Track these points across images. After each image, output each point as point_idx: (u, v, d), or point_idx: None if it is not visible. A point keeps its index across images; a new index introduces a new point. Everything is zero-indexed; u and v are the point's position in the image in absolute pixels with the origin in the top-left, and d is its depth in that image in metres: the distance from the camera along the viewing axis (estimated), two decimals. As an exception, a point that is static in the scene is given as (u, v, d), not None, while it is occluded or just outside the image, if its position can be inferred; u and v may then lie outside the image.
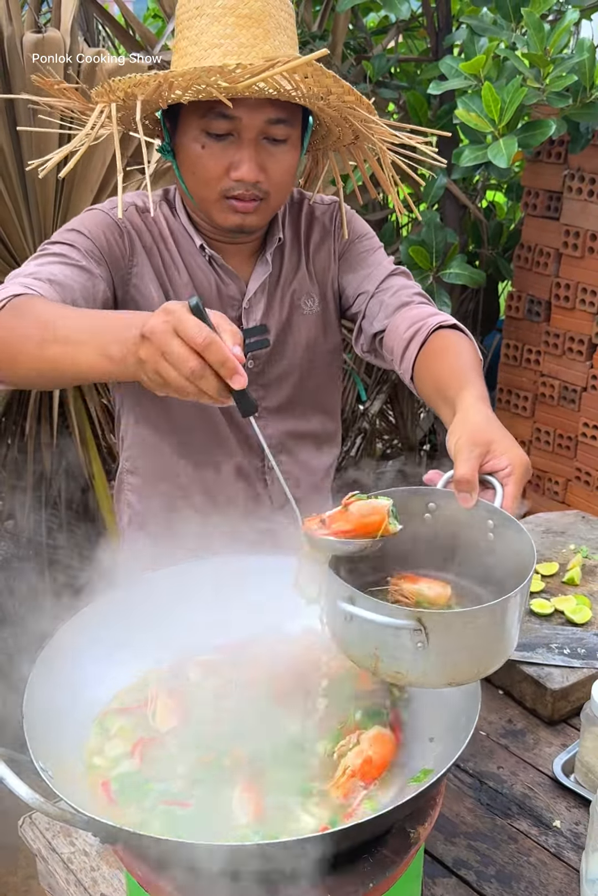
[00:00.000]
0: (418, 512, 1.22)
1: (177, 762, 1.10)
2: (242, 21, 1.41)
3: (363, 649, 1.07)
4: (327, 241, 1.74)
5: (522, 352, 3.68)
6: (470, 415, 1.27)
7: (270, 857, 0.88)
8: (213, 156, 1.47)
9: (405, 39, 4.05)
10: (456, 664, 1.04)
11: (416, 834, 1.03)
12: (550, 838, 1.43)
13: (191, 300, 1.04)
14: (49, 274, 1.42)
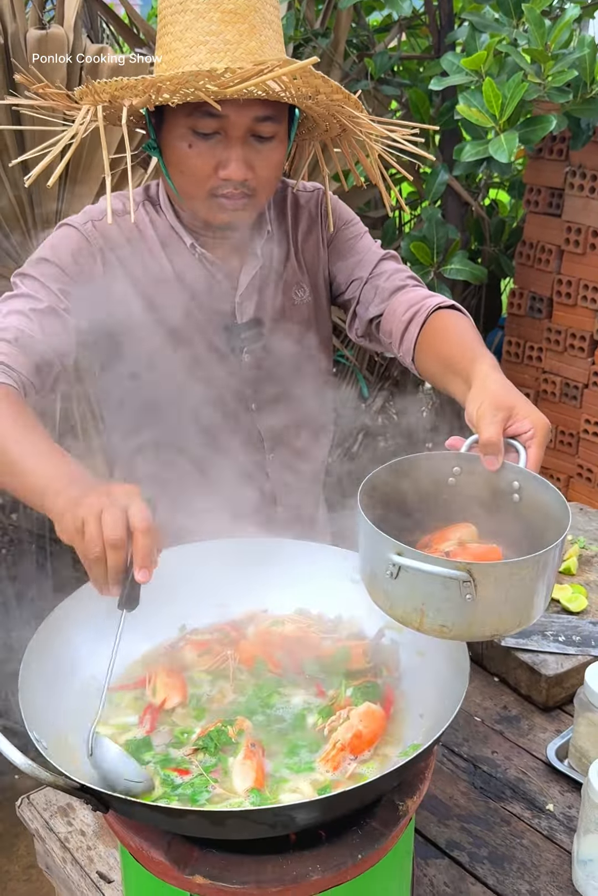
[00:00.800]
0: (443, 476, 1.25)
1: (180, 732, 1.12)
2: (228, 17, 1.39)
3: (410, 604, 1.08)
4: (314, 230, 1.73)
5: (524, 349, 3.69)
6: (489, 382, 1.29)
7: (258, 823, 0.90)
8: (200, 155, 1.46)
9: (408, 37, 4.07)
10: (501, 615, 1.06)
11: (404, 806, 1.04)
12: (543, 821, 1.44)
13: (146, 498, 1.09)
14: (16, 331, 1.41)
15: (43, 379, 1.43)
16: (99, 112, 1.41)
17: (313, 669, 1.24)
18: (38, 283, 1.49)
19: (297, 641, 1.28)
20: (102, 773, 1.01)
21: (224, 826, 0.92)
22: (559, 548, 1.06)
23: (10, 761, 0.92)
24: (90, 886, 1.35)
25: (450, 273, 3.13)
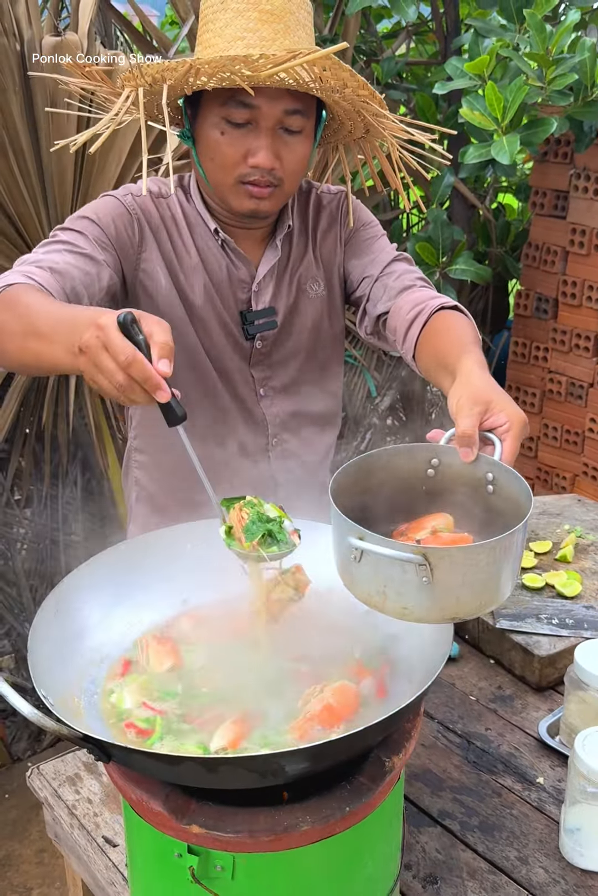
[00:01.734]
0: (422, 467, 1.29)
1: (174, 693, 1.18)
2: (265, 16, 1.48)
3: (372, 586, 1.13)
4: (333, 229, 1.81)
5: (530, 349, 3.74)
6: (470, 377, 1.34)
7: (249, 770, 0.95)
8: (232, 142, 1.54)
9: (417, 44, 4.13)
10: (458, 599, 1.09)
11: (390, 762, 1.09)
12: (533, 793, 1.49)
13: (119, 316, 1.11)
14: (51, 262, 1.49)
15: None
16: (140, 95, 1.50)
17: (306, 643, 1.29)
18: (77, 234, 1.57)
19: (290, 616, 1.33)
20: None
21: (217, 773, 0.98)
22: (518, 534, 1.09)
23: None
24: (96, 850, 1.41)
25: (455, 273, 3.18)
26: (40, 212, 2.86)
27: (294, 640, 1.28)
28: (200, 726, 1.13)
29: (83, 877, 1.46)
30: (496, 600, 1.13)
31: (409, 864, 1.37)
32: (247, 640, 1.30)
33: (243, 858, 1.06)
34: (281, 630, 1.30)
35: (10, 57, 2.70)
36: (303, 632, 1.29)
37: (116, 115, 1.53)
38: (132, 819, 1.14)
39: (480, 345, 1.55)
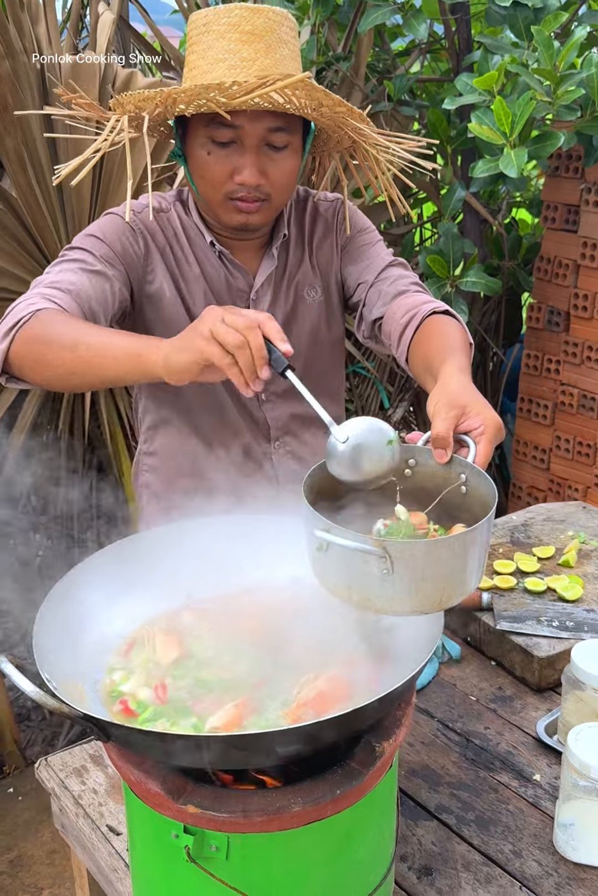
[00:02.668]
0: (400, 467, 1.32)
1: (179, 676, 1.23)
2: (245, 37, 1.54)
3: (338, 577, 1.17)
4: (329, 236, 1.86)
5: (542, 361, 3.76)
6: (449, 382, 1.38)
7: (239, 749, 0.99)
8: (218, 161, 1.60)
9: (431, 62, 4.19)
10: (420, 592, 1.13)
11: (381, 748, 1.12)
12: (529, 790, 1.52)
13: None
14: (67, 283, 1.56)
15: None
16: (124, 122, 1.56)
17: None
18: (85, 252, 1.64)
19: (290, 609, 1.37)
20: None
21: (209, 752, 1.02)
22: (479, 532, 1.12)
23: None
24: (100, 838, 1.45)
25: (466, 285, 3.22)
26: (59, 225, 2.93)
27: (291, 631, 1.31)
28: (198, 711, 1.17)
29: (87, 865, 1.50)
30: (459, 594, 1.15)
31: (405, 856, 1.40)
32: (248, 631, 1.34)
33: (237, 839, 1.09)
34: (279, 622, 1.34)
35: (30, 75, 2.78)
36: (300, 624, 1.33)
37: (107, 139, 1.58)
38: (132, 801, 1.18)
39: (467, 350, 1.59)
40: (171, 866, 1.14)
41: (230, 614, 1.38)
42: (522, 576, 1.97)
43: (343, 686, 1.20)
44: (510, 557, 2.03)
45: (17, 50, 2.71)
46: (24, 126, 2.73)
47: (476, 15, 3.70)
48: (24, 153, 2.74)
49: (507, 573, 1.96)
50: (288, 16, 1.60)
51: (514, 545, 2.12)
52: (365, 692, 1.18)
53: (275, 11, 1.57)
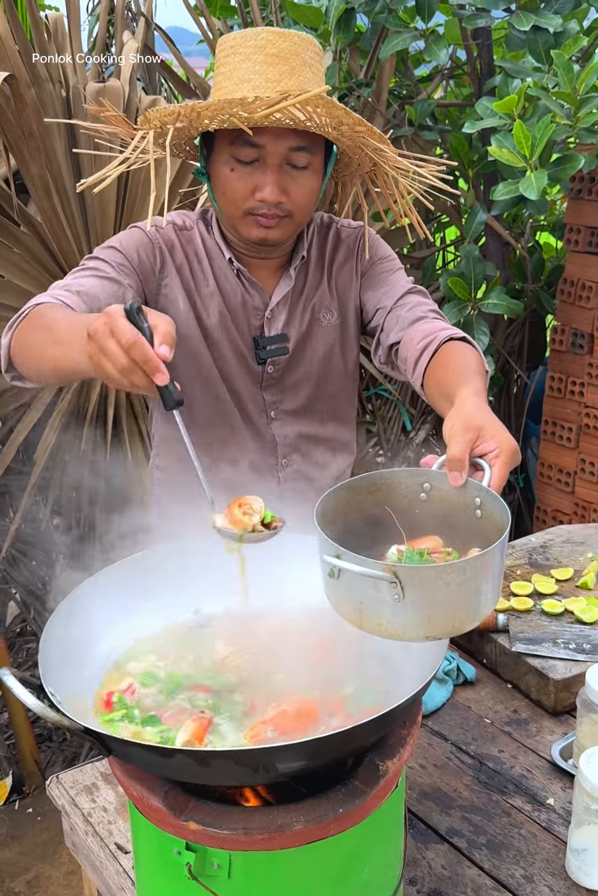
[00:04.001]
0: (415, 492, 1.31)
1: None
2: (270, 59, 1.58)
3: (350, 603, 1.16)
4: (349, 261, 1.88)
5: (566, 384, 3.73)
6: (464, 405, 1.38)
7: (240, 765, 0.99)
8: (241, 178, 1.64)
9: (454, 87, 4.21)
10: (431, 618, 1.11)
11: (384, 766, 1.11)
12: (542, 814, 1.49)
13: (126, 304, 1.20)
14: (79, 286, 1.61)
15: None
16: (150, 137, 1.60)
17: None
18: (102, 262, 1.69)
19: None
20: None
21: (209, 767, 1.01)
22: (491, 556, 1.10)
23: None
24: (108, 856, 1.45)
25: (487, 307, 3.21)
26: (83, 248, 2.97)
27: (288, 657, 1.31)
28: (165, 720, 1.18)
29: (96, 883, 1.50)
30: (473, 620, 1.14)
31: (414, 879, 1.38)
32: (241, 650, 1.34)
33: (239, 857, 1.09)
34: (281, 646, 1.33)
35: (56, 102, 2.84)
36: (302, 650, 1.32)
37: (131, 154, 1.62)
38: (136, 817, 1.18)
39: (484, 375, 1.58)
40: (174, 883, 1.14)
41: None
42: (539, 597, 1.94)
43: (307, 710, 1.19)
44: (528, 579, 2.01)
45: (42, 78, 2.77)
46: (48, 152, 2.78)
47: (498, 40, 3.71)
48: (49, 179, 2.79)
49: (524, 595, 1.94)
50: (313, 41, 1.63)
51: (532, 567, 2.10)
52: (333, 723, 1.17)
53: (301, 36, 1.61)
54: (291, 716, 1.19)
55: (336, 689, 1.26)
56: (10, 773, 3.01)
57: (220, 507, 1.35)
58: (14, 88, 2.57)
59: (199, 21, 3.62)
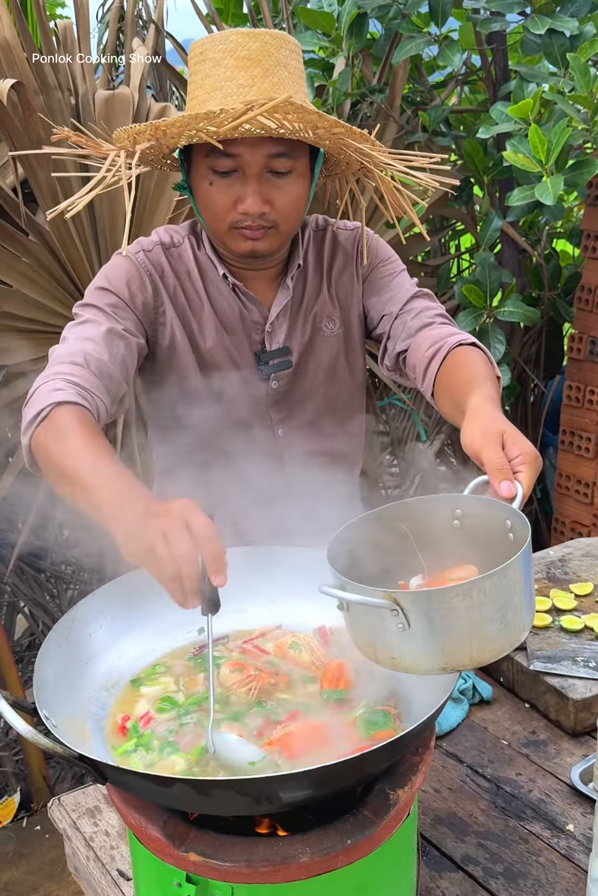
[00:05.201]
0: (447, 519, 1.24)
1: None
2: (241, 63, 1.50)
3: (362, 636, 1.11)
4: (349, 266, 1.81)
5: (584, 393, 3.66)
6: (478, 413, 1.33)
7: (242, 795, 0.94)
8: (220, 191, 1.57)
9: (469, 93, 4.16)
10: (444, 647, 1.05)
11: (395, 795, 1.06)
12: (562, 841, 1.43)
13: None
14: (86, 355, 1.50)
15: (112, 398, 1.53)
16: (122, 158, 1.54)
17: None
18: (96, 309, 1.61)
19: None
20: (225, 763, 1.07)
21: (209, 797, 0.96)
22: (503, 575, 1.04)
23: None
24: (110, 883, 1.40)
25: (503, 315, 3.16)
26: (92, 258, 2.94)
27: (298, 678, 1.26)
28: (183, 747, 1.13)
29: (98, 910, 1.45)
30: (496, 649, 1.07)
31: (427, 910, 1.32)
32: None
33: (242, 890, 1.04)
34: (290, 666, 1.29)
35: (65, 110, 2.81)
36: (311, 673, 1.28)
37: (106, 174, 1.56)
38: (135, 846, 1.13)
39: (495, 381, 1.53)
40: (175, 916, 1.09)
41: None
42: (558, 613, 1.88)
43: (315, 733, 1.14)
44: (546, 594, 1.95)
45: (51, 85, 2.74)
46: (57, 160, 2.75)
47: (513, 45, 3.66)
48: (57, 187, 2.76)
49: (542, 611, 1.87)
50: (287, 37, 1.55)
51: (550, 581, 2.03)
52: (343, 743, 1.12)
53: (272, 34, 1.53)
54: (300, 737, 1.14)
55: (347, 711, 1.21)
56: (18, 789, 2.97)
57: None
58: (22, 96, 2.54)
59: (210, 29, 3.59)
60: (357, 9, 3.10)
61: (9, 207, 2.74)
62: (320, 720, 1.16)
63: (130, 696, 1.26)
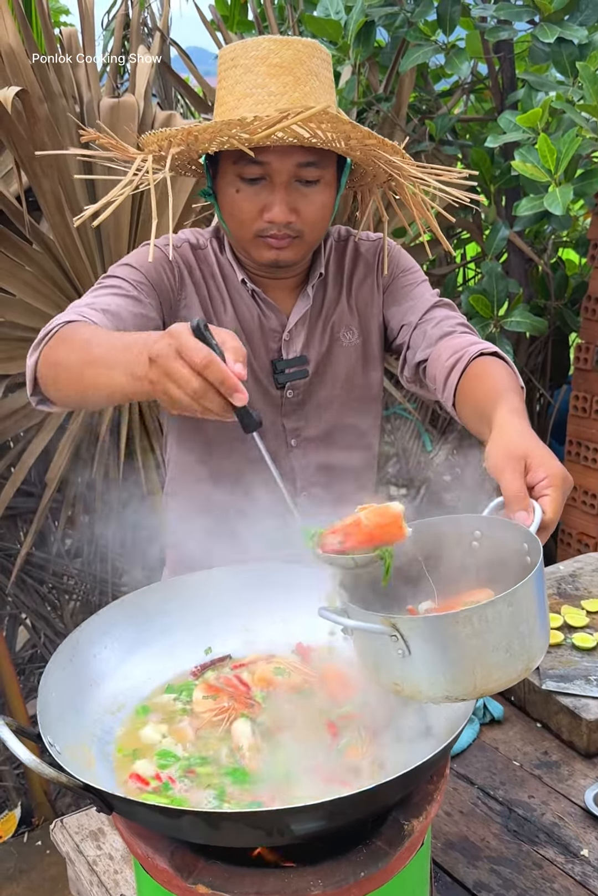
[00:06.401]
0: (466, 540, 1.20)
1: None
2: (273, 70, 1.49)
3: (366, 661, 1.09)
4: (370, 276, 1.79)
5: (591, 403, 3.63)
6: (505, 429, 1.28)
7: (253, 827, 0.90)
8: (247, 199, 1.55)
9: (475, 102, 4.14)
10: (446, 675, 1.02)
11: (410, 826, 1.02)
12: (576, 866, 1.40)
13: (192, 321, 1.09)
14: (104, 304, 1.51)
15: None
16: (149, 162, 1.52)
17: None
18: (121, 279, 1.60)
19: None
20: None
21: (219, 829, 0.93)
22: (501, 602, 0.99)
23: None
24: (114, 909, 1.37)
25: (510, 325, 3.13)
26: (96, 267, 2.91)
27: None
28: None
29: (102, 936, 1.42)
30: (503, 678, 1.03)
31: (440, 939, 1.29)
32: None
33: (252, 923, 1.00)
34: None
35: (69, 118, 2.78)
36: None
37: (133, 178, 1.53)
38: (141, 876, 1.10)
39: (520, 391, 1.49)
40: (182, 948, 1.05)
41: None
42: (569, 631, 1.85)
43: (390, 522, 1.10)
44: (557, 611, 1.91)
45: (55, 93, 2.72)
46: (61, 168, 2.73)
47: (520, 54, 3.65)
48: (62, 195, 2.73)
49: (554, 628, 1.84)
50: (319, 47, 1.54)
51: (561, 597, 2.00)
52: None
53: (305, 43, 1.51)
54: (364, 527, 1.12)
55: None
56: (19, 804, 2.93)
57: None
58: (26, 103, 2.52)
59: (215, 36, 3.58)
60: (364, 17, 3.09)
61: (12, 216, 2.72)
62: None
63: (135, 721, 1.22)
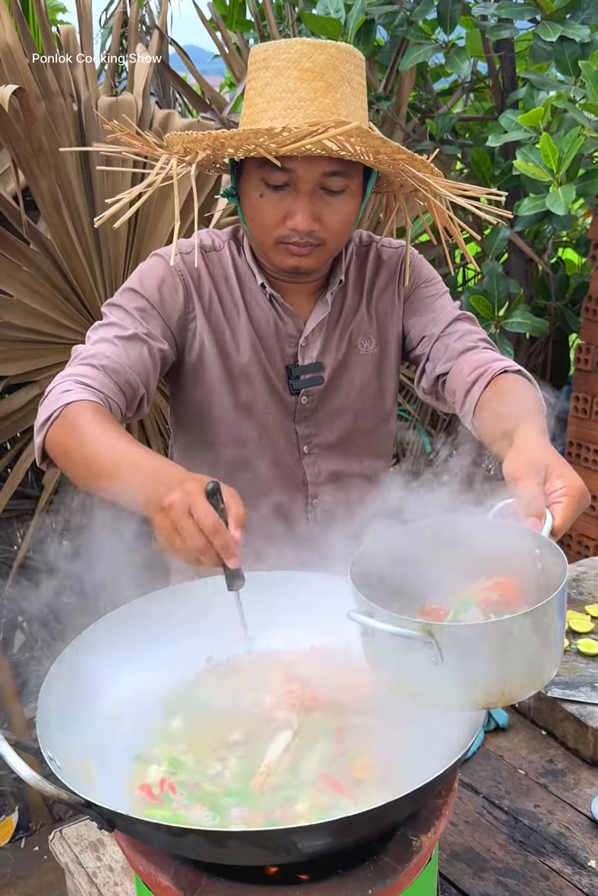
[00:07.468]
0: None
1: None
2: (305, 75, 1.45)
3: (386, 665, 1.06)
4: (391, 285, 1.76)
5: (591, 404, 3.62)
6: (528, 442, 1.28)
7: (258, 846, 0.88)
8: (270, 204, 1.52)
9: (475, 101, 4.12)
10: (476, 684, 1.00)
11: (418, 842, 1.00)
12: (584, 878, 1.38)
13: (208, 485, 1.14)
14: (103, 357, 1.49)
15: (128, 402, 1.51)
16: (173, 163, 1.49)
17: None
18: (123, 312, 1.58)
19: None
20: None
21: (224, 848, 0.91)
22: (544, 612, 0.98)
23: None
24: (115, 922, 1.35)
25: (511, 326, 3.11)
26: (94, 268, 2.89)
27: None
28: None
29: (102, 950, 1.39)
30: (528, 686, 1.03)
31: (446, 953, 1.27)
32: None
33: (257, 941, 0.98)
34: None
35: (67, 117, 2.76)
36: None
37: (156, 177, 1.51)
38: (143, 892, 1.07)
39: (543, 412, 1.47)
40: None
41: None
42: (574, 636, 1.83)
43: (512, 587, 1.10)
44: (561, 616, 1.89)
45: (53, 91, 2.69)
46: (59, 167, 2.70)
47: (521, 53, 3.63)
48: (60, 195, 2.70)
49: (557, 633, 1.82)
50: (353, 51, 1.50)
51: (564, 602, 1.98)
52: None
53: (339, 48, 1.47)
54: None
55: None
56: (16, 809, 2.90)
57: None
58: (24, 102, 2.49)
59: (214, 35, 3.55)
60: (364, 15, 3.06)
61: (10, 215, 2.69)
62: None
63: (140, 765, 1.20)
